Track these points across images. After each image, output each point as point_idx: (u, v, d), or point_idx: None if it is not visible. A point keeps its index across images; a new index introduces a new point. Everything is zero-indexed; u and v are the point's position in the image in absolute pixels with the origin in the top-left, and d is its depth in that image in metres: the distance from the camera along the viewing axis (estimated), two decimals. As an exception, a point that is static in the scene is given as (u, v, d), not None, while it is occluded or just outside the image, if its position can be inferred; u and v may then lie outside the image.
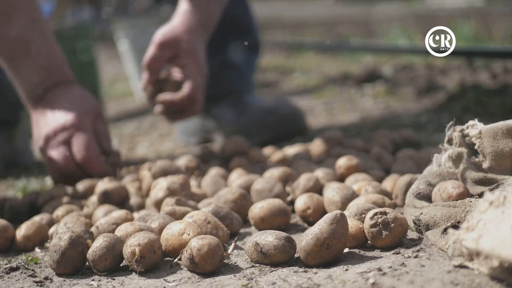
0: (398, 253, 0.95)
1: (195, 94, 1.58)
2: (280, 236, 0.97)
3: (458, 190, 1.03)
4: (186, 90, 1.58)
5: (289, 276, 0.92)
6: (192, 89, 1.58)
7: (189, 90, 1.58)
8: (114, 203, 1.30)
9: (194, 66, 1.59)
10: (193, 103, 1.61)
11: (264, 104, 1.93)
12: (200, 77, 1.60)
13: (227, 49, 1.97)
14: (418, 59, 2.87)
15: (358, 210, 1.04)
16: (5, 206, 1.37)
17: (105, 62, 3.46)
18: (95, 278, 1.00)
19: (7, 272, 1.05)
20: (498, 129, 1.04)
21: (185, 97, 1.58)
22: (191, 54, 1.59)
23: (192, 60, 1.59)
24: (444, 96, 2.22)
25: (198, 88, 1.59)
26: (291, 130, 1.89)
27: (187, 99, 1.58)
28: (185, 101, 1.59)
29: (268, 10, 7.09)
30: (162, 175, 1.34)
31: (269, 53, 4.14)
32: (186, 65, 1.58)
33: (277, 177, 1.32)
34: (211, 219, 1.08)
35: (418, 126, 1.88)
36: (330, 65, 3.42)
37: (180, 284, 0.95)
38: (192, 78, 1.58)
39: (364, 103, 2.38)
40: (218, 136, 1.94)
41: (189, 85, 1.58)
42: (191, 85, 1.58)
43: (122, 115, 2.89)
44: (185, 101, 1.59)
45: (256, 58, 2.07)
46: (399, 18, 4.73)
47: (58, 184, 1.46)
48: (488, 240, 0.79)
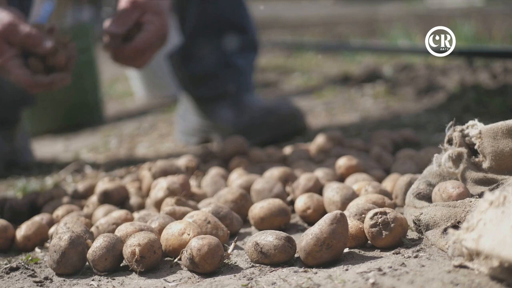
0: (398, 253, 0.95)
1: (144, 46, 1.54)
2: (280, 236, 0.97)
3: (458, 190, 1.03)
4: (137, 41, 1.53)
5: (289, 276, 0.92)
6: (144, 42, 1.53)
7: (140, 41, 1.53)
8: (114, 203, 1.30)
9: (156, 26, 1.54)
10: (139, 56, 1.56)
11: (264, 104, 1.93)
12: (157, 37, 1.55)
13: (225, 49, 1.97)
14: (418, 59, 2.87)
15: (358, 210, 1.04)
16: (5, 206, 1.37)
17: (105, 62, 3.45)
18: (95, 278, 1.00)
19: (7, 272, 1.05)
20: (498, 129, 1.04)
21: (133, 46, 1.53)
22: (157, 14, 1.56)
23: (156, 19, 1.55)
24: (444, 96, 2.22)
25: (151, 44, 1.54)
26: (291, 130, 1.88)
27: (134, 49, 1.53)
28: (133, 50, 1.54)
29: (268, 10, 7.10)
30: (162, 175, 1.34)
31: (269, 53, 4.14)
32: (149, 22, 1.55)
33: (277, 177, 1.32)
34: (211, 219, 1.08)
35: (418, 126, 1.88)
36: (330, 65, 3.42)
37: (180, 284, 0.95)
38: (148, 33, 1.53)
39: (364, 103, 2.38)
40: (218, 136, 1.94)
41: (143, 37, 1.53)
42: (144, 38, 1.53)
43: (122, 115, 2.89)
44: (132, 50, 1.54)
45: (255, 57, 2.07)
46: (399, 18, 4.74)
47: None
48: (488, 240, 0.79)
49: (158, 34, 1.54)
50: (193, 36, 1.96)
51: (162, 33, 1.55)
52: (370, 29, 4.44)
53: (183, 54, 1.98)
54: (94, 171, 1.76)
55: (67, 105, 2.61)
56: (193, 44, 1.96)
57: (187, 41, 1.98)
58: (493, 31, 3.13)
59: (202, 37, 1.95)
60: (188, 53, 1.97)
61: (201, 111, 1.99)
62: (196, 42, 1.96)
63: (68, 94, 2.59)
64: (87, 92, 2.67)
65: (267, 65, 3.72)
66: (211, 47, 1.96)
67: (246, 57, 2.01)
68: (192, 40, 1.96)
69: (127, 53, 1.54)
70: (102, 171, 1.74)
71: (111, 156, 2.05)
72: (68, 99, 2.60)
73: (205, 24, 1.95)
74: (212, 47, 1.96)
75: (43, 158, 2.08)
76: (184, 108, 2.06)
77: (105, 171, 1.75)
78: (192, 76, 1.98)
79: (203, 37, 1.95)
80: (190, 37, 1.97)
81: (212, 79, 1.96)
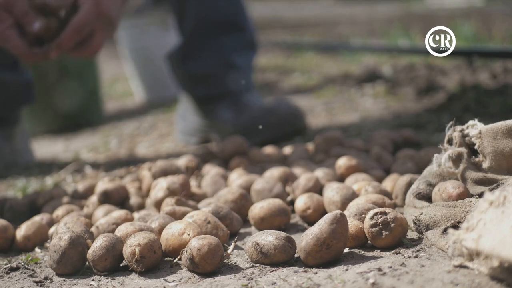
0: (398, 253, 0.96)
1: (79, 26, 1.47)
2: (280, 236, 0.97)
3: (458, 190, 1.03)
4: (72, 22, 1.47)
5: (289, 276, 0.92)
6: (78, 22, 1.47)
7: (74, 22, 1.47)
8: (114, 203, 1.30)
9: (89, 5, 1.47)
10: (83, 42, 1.51)
11: (263, 103, 1.93)
12: (92, 15, 1.48)
13: (224, 49, 1.97)
14: (418, 59, 2.87)
15: (358, 210, 1.04)
16: (5, 206, 1.37)
17: (105, 62, 3.46)
18: (95, 278, 1.00)
19: (7, 272, 1.05)
20: (498, 129, 1.04)
21: (69, 28, 1.47)
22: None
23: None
24: (444, 96, 2.22)
25: (85, 23, 1.48)
26: (291, 130, 1.88)
27: (71, 31, 1.47)
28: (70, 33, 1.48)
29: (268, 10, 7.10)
30: (162, 175, 1.34)
31: (269, 53, 4.14)
32: (83, 2, 1.49)
33: (277, 177, 1.32)
34: (211, 219, 1.08)
35: (418, 126, 1.88)
36: (330, 65, 3.42)
37: (180, 284, 0.95)
38: (82, 13, 1.47)
39: (364, 103, 2.38)
40: (218, 136, 1.94)
41: (77, 17, 1.48)
42: (77, 17, 1.47)
43: (122, 115, 2.89)
44: (70, 33, 1.48)
45: (254, 56, 2.07)
46: (399, 18, 4.73)
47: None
48: (488, 240, 0.79)
49: (92, 12, 1.48)
50: (192, 36, 1.96)
51: (97, 10, 1.48)
52: (370, 29, 4.44)
53: (182, 54, 1.98)
54: (94, 171, 1.76)
55: (67, 105, 2.61)
56: (192, 44, 1.96)
57: (186, 41, 1.98)
58: (493, 31, 3.13)
59: (200, 36, 1.95)
60: (187, 53, 1.97)
61: (201, 111, 1.99)
62: (195, 42, 1.96)
63: (68, 94, 2.60)
64: (87, 92, 2.67)
65: (267, 65, 3.72)
66: (210, 46, 1.96)
67: (245, 56, 2.01)
68: (191, 40, 1.96)
69: (67, 38, 1.48)
70: (102, 171, 1.74)
71: (111, 156, 2.05)
72: (68, 99, 2.60)
73: (203, 24, 1.95)
74: (211, 47, 1.95)
75: (43, 158, 2.08)
76: (184, 108, 2.06)
77: (105, 171, 1.75)
78: (192, 76, 1.98)
79: (201, 37, 1.95)
80: (188, 37, 1.97)
81: (211, 78, 1.96)
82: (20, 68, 1.97)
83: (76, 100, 2.62)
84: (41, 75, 2.48)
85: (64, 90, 2.58)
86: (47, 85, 2.53)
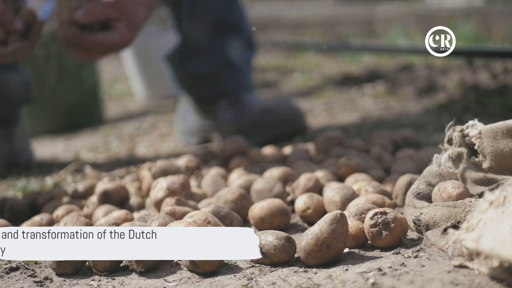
0: (398, 253, 0.96)
1: (102, 45, 1.48)
2: (280, 236, 0.97)
3: (458, 190, 1.03)
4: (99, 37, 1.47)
5: (289, 276, 0.92)
6: (104, 41, 1.48)
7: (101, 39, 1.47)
8: (114, 203, 1.30)
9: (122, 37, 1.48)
10: (93, 51, 1.51)
11: (263, 103, 1.93)
12: (117, 46, 1.50)
13: (223, 49, 1.97)
14: (418, 59, 2.87)
15: (358, 210, 1.04)
16: (5, 206, 1.37)
17: (105, 62, 3.46)
18: (95, 278, 1.00)
19: (7, 272, 1.05)
20: (498, 129, 1.04)
21: (92, 39, 1.47)
22: (129, 28, 1.49)
23: (126, 31, 1.49)
24: (444, 96, 2.22)
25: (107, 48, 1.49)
26: (291, 130, 1.88)
27: (92, 42, 1.48)
28: (90, 42, 1.48)
29: (268, 10, 7.10)
30: (162, 175, 1.34)
31: (269, 53, 4.14)
32: (119, 30, 1.49)
33: (277, 177, 1.32)
34: (211, 219, 1.08)
35: (418, 126, 1.88)
36: (330, 65, 3.42)
37: (180, 284, 0.95)
38: (112, 38, 1.48)
39: (364, 103, 2.38)
40: (218, 136, 1.94)
41: (106, 38, 1.48)
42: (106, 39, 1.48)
43: (122, 115, 2.89)
44: (90, 42, 1.47)
45: (252, 56, 2.07)
46: (399, 18, 4.73)
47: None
48: (488, 240, 0.79)
49: (119, 44, 1.50)
50: (190, 36, 1.96)
51: (123, 45, 1.52)
52: (370, 29, 4.43)
53: (181, 55, 1.98)
54: (94, 171, 1.76)
55: (67, 105, 2.61)
56: (191, 44, 1.96)
57: (184, 41, 1.98)
58: (493, 31, 3.13)
59: (199, 37, 1.95)
60: (186, 53, 1.97)
61: (201, 111, 1.99)
62: (193, 42, 1.96)
63: (68, 94, 2.60)
64: (87, 92, 2.67)
65: (267, 65, 3.72)
66: (209, 46, 1.96)
67: (244, 56, 2.01)
68: (189, 40, 1.96)
69: (84, 43, 1.49)
70: (102, 171, 1.74)
71: (111, 156, 2.05)
72: (68, 99, 2.60)
73: (201, 24, 1.95)
74: (209, 47, 1.95)
75: (43, 158, 2.08)
76: (184, 108, 2.06)
77: (105, 171, 1.75)
78: (191, 77, 1.98)
79: (200, 37, 1.95)
80: (187, 37, 1.97)
81: (211, 79, 1.96)
82: (18, 67, 1.97)
83: (76, 100, 2.62)
84: (41, 75, 2.48)
85: (64, 90, 2.58)
86: (47, 85, 2.53)
